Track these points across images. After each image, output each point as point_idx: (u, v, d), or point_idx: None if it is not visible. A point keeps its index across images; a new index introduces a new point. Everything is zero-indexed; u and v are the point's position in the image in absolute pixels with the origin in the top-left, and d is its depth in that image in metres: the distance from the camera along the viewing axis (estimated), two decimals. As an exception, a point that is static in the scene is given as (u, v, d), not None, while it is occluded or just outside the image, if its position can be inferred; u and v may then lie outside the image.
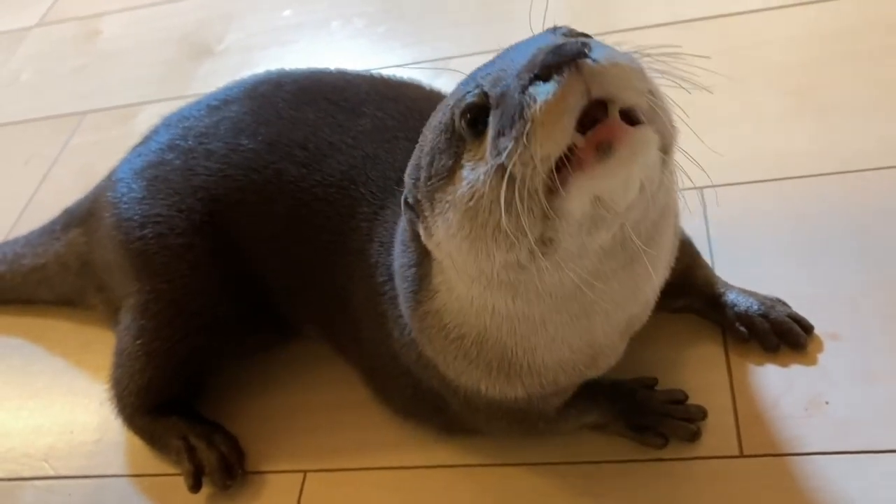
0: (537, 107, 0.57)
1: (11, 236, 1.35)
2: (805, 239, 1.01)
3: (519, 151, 0.58)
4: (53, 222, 1.20)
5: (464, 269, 0.68)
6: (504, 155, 0.59)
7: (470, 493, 0.89)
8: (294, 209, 0.94)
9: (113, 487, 1.00)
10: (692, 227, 0.99)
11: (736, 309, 0.92)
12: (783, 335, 0.90)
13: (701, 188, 1.08)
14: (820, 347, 0.90)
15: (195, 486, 0.95)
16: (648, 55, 0.62)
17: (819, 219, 1.03)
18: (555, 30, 0.67)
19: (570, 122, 0.56)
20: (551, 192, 0.58)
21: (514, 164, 0.58)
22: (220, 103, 1.04)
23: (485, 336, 0.75)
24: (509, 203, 0.59)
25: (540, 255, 0.62)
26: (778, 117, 1.18)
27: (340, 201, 0.92)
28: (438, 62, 1.49)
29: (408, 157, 0.91)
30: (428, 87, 1.05)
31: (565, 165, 0.57)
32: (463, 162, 0.65)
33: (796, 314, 0.92)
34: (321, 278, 0.94)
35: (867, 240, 0.98)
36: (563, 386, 0.81)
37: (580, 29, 0.69)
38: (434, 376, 0.84)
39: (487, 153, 0.62)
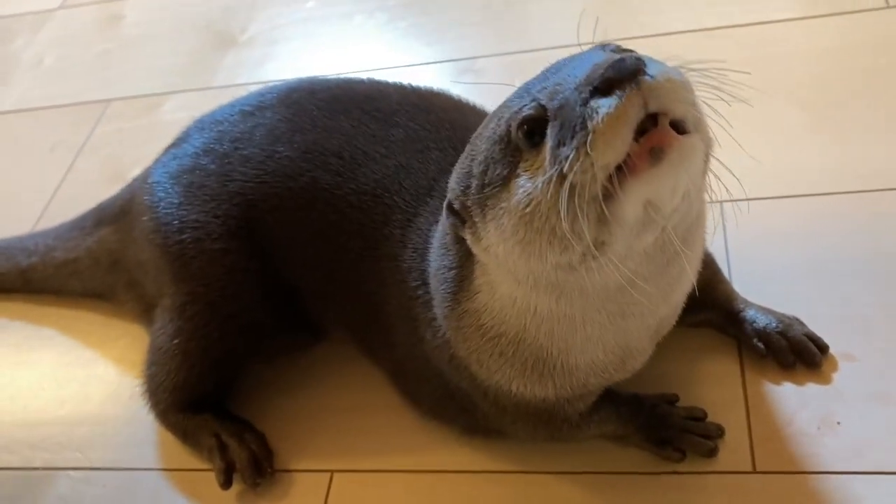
0: (599, 118, 0.61)
1: (39, 226, 1.37)
2: (823, 258, 1.03)
3: (581, 160, 0.62)
4: (84, 218, 1.22)
5: (513, 272, 0.73)
6: (566, 164, 0.62)
7: (493, 498, 0.92)
8: (328, 216, 0.96)
9: (146, 480, 1.03)
10: (711, 242, 1.01)
11: (755, 325, 0.95)
12: (799, 353, 0.93)
13: (720, 202, 1.10)
14: (835, 367, 0.92)
15: (226, 483, 0.97)
16: (694, 70, 0.66)
17: (837, 238, 1.04)
18: (603, 47, 0.70)
19: (629, 132, 0.61)
20: (606, 197, 0.62)
21: (574, 173, 0.62)
22: (253, 109, 1.05)
23: (522, 336, 0.79)
24: (567, 209, 0.63)
25: (592, 257, 0.66)
26: (798, 132, 1.19)
27: (374, 209, 0.94)
28: (460, 62, 1.50)
29: (440, 167, 0.94)
30: (456, 97, 1.07)
31: (620, 170, 0.62)
32: (519, 171, 0.68)
33: (813, 333, 0.94)
34: (353, 283, 0.97)
35: (886, 261, 1.00)
36: (591, 389, 0.85)
37: (600, 32, 0.73)
38: (465, 377, 0.87)
39: (546, 162, 0.65)
